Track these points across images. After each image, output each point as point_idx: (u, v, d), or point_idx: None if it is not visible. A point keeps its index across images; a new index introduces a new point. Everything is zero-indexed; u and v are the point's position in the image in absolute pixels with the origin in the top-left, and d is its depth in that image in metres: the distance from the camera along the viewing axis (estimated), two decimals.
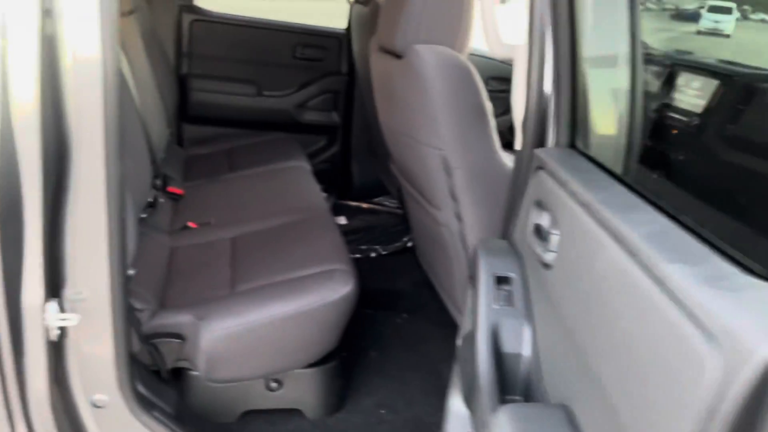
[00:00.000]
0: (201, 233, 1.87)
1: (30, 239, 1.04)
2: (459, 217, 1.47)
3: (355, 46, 2.65)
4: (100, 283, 1.14)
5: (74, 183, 1.08)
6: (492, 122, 1.41)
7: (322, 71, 2.93)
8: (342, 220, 2.79)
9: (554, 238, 0.93)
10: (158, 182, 1.90)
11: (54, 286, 1.11)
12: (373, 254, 2.55)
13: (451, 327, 1.97)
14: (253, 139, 2.74)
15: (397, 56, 1.51)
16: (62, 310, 1.12)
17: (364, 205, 3.00)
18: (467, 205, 1.45)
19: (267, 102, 2.87)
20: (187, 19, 2.73)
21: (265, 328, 1.44)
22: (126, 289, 1.18)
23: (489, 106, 1.41)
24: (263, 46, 2.84)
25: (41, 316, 1.07)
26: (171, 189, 2.10)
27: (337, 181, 3.09)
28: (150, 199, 1.83)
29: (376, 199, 3.07)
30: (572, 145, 1.11)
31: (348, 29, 2.92)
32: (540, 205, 1.03)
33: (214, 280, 1.59)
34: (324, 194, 2.39)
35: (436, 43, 1.46)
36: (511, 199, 1.26)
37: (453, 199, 1.46)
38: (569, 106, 1.09)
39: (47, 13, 1.00)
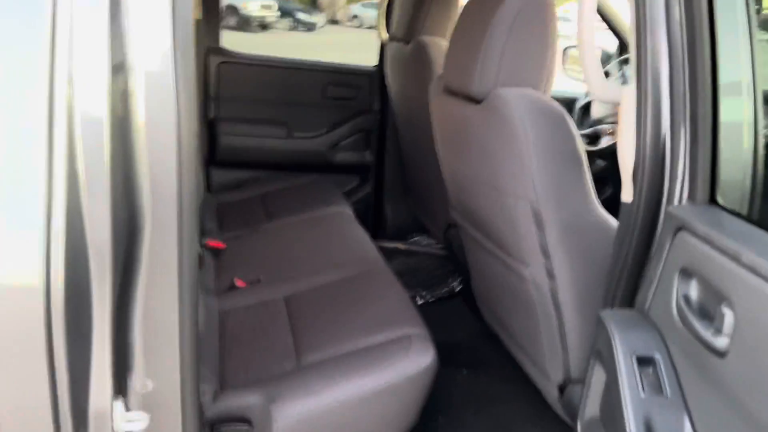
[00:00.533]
0: (251, 293, 1.73)
1: (98, 333, 0.89)
2: (551, 275, 1.33)
3: (392, 84, 2.54)
4: (170, 375, 0.99)
5: (145, 262, 0.94)
6: (588, 171, 1.29)
7: (353, 110, 2.82)
8: None
9: (727, 319, 0.79)
10: (201, 238, 1.76)
11: (119, 381, 0.97)
12: (420, 301, 2.40)
13: (520, 384, 1.82)
14: (287, 183, 2.61)
15: (474, 100, 1.39)
16: (127, 407, 0.97)
17: (401, 246, 2.85)
18: (561, 261, 1.31)
19: (298, 144, 2.75)
20: (214, 61, 2.62)
21: (341, 409, 1.28)
22: (198, 381, 1.04)
23: (584, 153, 1.28)
24: (292, 86, 2.73)
25: (110, 421, 0.92)
26: (211, 243, 1.96)
27: (369, 221, 2.96)
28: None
29: (411, 239, 2.93)
30: (712, 200, 0.97)
31: (380, 66, 2.82)
32: (688, 273, 0.89)
33: (276, 349, 1.44)
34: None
35: (519, 85, 1.34)
36: (623, 261, 1.12)
37: (544, 255, 1.32)
38: (708, 153, 0.96)
39: (118, 68, 0.87)
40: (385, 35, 2.66)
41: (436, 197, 2.36)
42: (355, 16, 20.45)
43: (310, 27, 19.75)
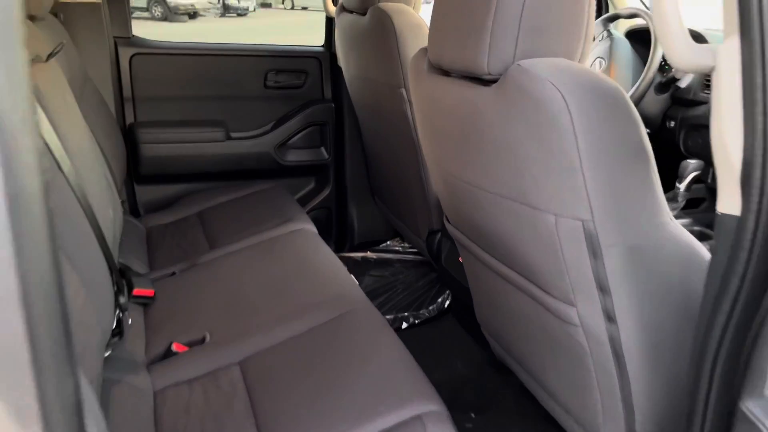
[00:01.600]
0: (194, 360, 1.29)
1: None
2: (610, 317, 0.96)
3: (346, 66, 2.12)
4: None
5: None
6: (656, 171, 0.91)
7: (301, 100, 2.38)
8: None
9: None
10: (122, 299, 1.31)
11: None
12: (405, 325, 2.01)
13: (541, 422, 1.47)
14: (229, 195, 2.16)
15: (482, 81, 0.99)
16: None
17: (372, 256, 2.45)
18: (625, 299, 0.94)
19: (239, 146, 2.29)
20: (125, 54, 2.13)
21: None
22: None
23: (650, 147, 0.90)
24: (225, 77, 2.26)
25: None
26: (138, 291, 1.51)
27: (332, 229, 2.54)
28: (113, 326, 1.25)
29: (382, 246, 2.54)
30: None
31: (328, 45, 2.38)
32: None
33: None
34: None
35: (547, 56, 0.95)
36: (730, 300, 0.76)
37: (601, 291, 0.95)
38: None
39: None
40: (331, 7, 2.22)
41: (412, 198, 1.97)
42: None
43: (241, 12, 18.93)
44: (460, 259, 1.75)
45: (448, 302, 2.07)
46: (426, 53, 1.21)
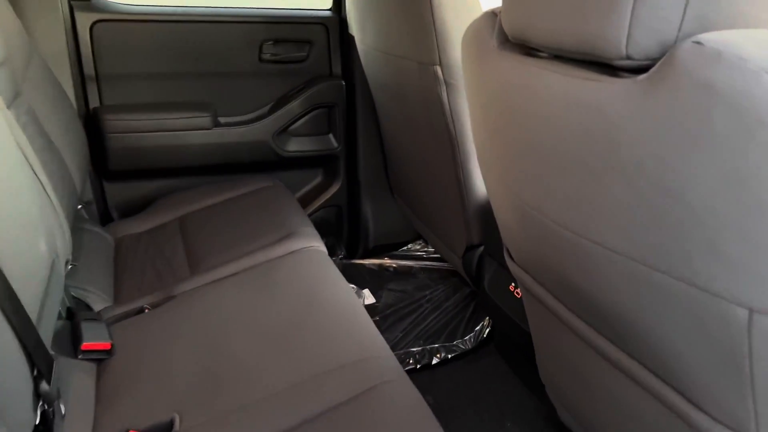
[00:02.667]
0: None
1: None
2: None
3: (359, 34, 1.69)
4: None
5: None
6: None
7: (305, 76, 1.96)
8: (368, 298, 1.86)
9: None
10: (45, 387, 0.91)
11: None
12: (435, 360, 1.63)
13: None
14: (217, 195, 1.77)
15: (615, 69, 0.58)
16: None
17: (391, 264, 2.06)
18: None
19: (229, 133, 1.88)
20: (84, 21, 1.70)
21: None
22: None
23: None
24: (212, 49, 1.84)
25: None
26: (89, 345, 1.13)
27: (343, 230, 2.15)
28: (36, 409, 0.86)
29: (401, 250, 2.15)
30: None
31: (337, 9, 1.95)
32: None
33: None
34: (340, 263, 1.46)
35: (741, 26, 0.54)
36: None
37: None
38: None
39: None
40: None
41: (444, 204, 1.57)
42: None
43: None
44: (513, 289, 1.36)
45: (488, 330, 1.68)
46: (495, 19, 0.80)
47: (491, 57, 0.78)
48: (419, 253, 2.10)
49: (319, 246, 1.46)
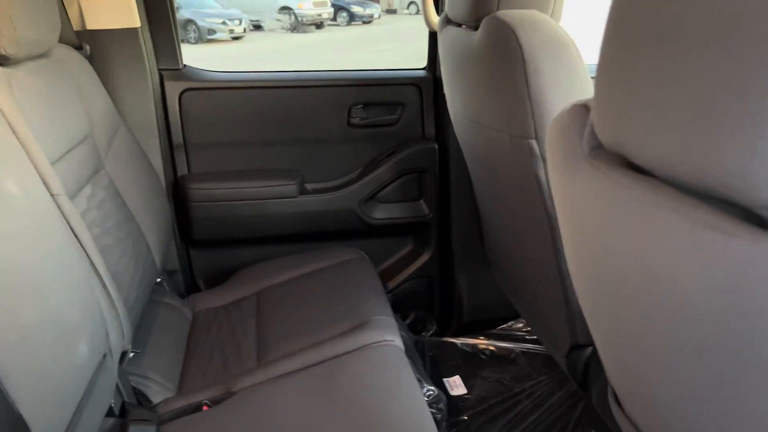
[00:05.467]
0: None
1: None
2: None
3: (450, 97, 1.53)
4: None
5: None
6: None
7: (395, 140, 1.82)
8: (458, 388, 1.65)
9: None
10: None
11: None
12: None
13: None
14: (297, 267, 1.66)
15: (756, 217, 0.37)
16: None
17: (488, 345, 1.84)
18: None
19: (315, 201, 1.79)
20: (173, 90, 1.69)
21: None
22: None
23: None
24: (299, 114, 1.77)
25: None
26: None
27: (434, 303, 1.97)
28: None
29: (499, 328, 1.92)
30: None
31: (432, 68, 1.81)
32: None
33: None
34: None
35: None
36: None
37: None
38: None
39: None
40: (434, 17, 1.65)
41: (544, 293, 1.34)
42: (412, 2, 19.57)
43: (366, 20, 18.91)
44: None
45: None
46: (585, 115, 0.60)
47: (582, 166, 0.58)
48: (520, 333, 1.86)
49: (394, 340, 1.29)
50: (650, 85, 0.45)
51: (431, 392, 1.40)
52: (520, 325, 1.90)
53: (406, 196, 1.84)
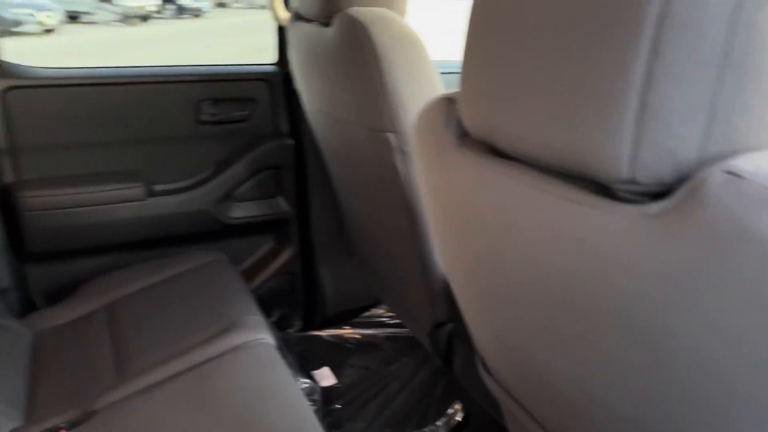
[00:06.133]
0: None
1: None
2: None
3: (305, 93, 1.54)
4: None
5: None
6: None
7: (248, 136, 1.79)
8: (328, 379, 1.68)
9: None
10: None
11: None
12: None
13: None
14: (152, 275, 1.58)
15: (615, 193, 0.44)
16: None
17: (352, 334, 1.89)
18: None
19: (165, 204, 1.70)
20: None
21: None
22: None
23: None
24: (142, 112, 1.67)
25: None
26: None
27: (298, 299, 1.98)
28: None
29: (363, 316, 1.98)
30: None
31: (282, 63, 1.81)
32: None
33: None
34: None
35: None
36: None
37: None
38: None
39: None
40: (283, 14, 1.64)
41: (406, 277, 1.41)
42: None
43: (196, 12, 18.11)
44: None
45: (462, 414, 1.52)
46: (451, 107, 0.65)
47: (449, 153, 0.63)
48: (383, 319, 1.94)
49: (265, 338, 1.28)
50: (511, 77, 0.50)
51: (306, 384, 1.41)
52: (382, 311, 1.97)
53: (263, 194, 1.82)
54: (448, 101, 0.66)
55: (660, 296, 0.41)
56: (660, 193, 0.41)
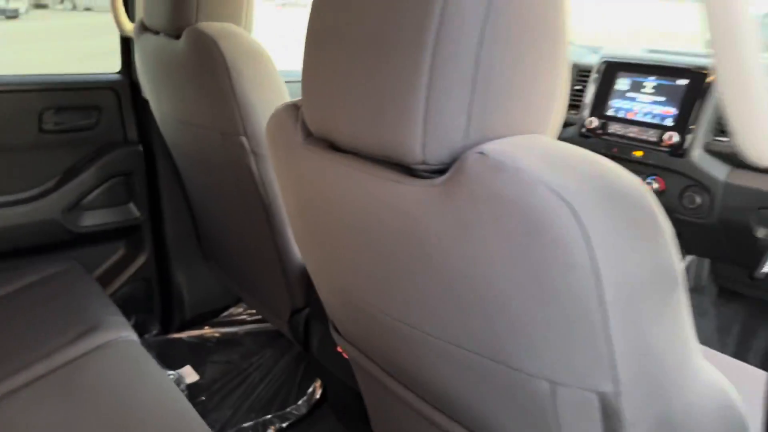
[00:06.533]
0: None
1: None
2: None
3: (155, 102, 1.60)
4: None
5: None
6: (686, 299, 0.60)
7: (96, 144, 1.80)
8: (190, 376, 1.74)
9: None
10: None
11: None
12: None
13: None
14: (1, 288, 1.54)
15: (413, 170, 0.61)
16: None
17: (213, 333, 1.96)
18: None
19: (9, 214, 1.66)
20: None
21: None
22: None
23: (679, 265, 0.59)
24: None
25: None
26: None
27: (155, 305, 2.01)
28: None
29: (222, 316, 2.06)
30: None
31: (127, 72, 1.84)
32: None
33: None
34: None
35: (516, 133, 0.60)
36: None
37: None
38: None
39: None
40: (127, 24, 1.69)
41: (264, 269, 1.54)
42: None
43: (10, 14, 16.48)
44: (342, 351, 1.37)
45: (321, 391, 1.67)
46: (297, 112, 0.80)
47: (297, 151, 0.78)
48: (242, 317, 2.03)
49: (129, 335, 1.34)
50: (340, 83, 0.66)
51: (172, 375, 1.47)
52: (241, 309, 2.06)
53: (114, 201, 1.83)
54: (294, 107, 0.81)
55: (447, 242, 0.60)
56: (442, 170, 0.59)
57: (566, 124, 1.68)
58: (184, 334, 1.94)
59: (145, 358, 1.26)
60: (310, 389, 1.66)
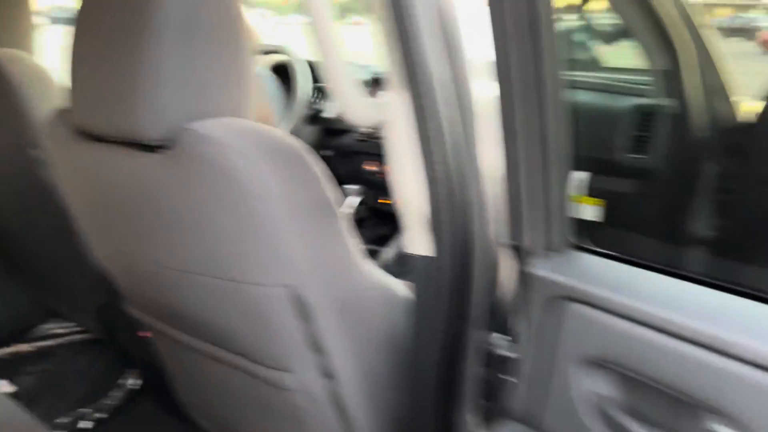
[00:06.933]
0: None
1: None
2: (328, 374, 0.94)
3: None
4: None
5: None
6: (342, 220, 0.91)
7: None
8: (4, 388, 1.80)
9: None
10: None
11: None
12: (89, 424, 1.67)
13: None
14: None
15: (148, 147, 0.85)
16: None
17: (27, 348, 2.01)
18: (342, 354, 0.93)
19: None
20: None
21: None
22: None
23: (333, 198, 0.90)
24: None
25: None
26: None
27: None
28: None
29: (36, 333, 2.10)
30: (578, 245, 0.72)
31: None
32: (601, 365, 0.62)
33: None
34: None
35: (220, 115, 0.87)
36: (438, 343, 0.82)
37: (316, 352, 0.91)
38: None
39: None
40: None
41: (66, 273, 1.66)
42: None
43: None
44: (141, 334, 1.55)
45: (140, 383, 1.81)
46: (63, 116, 1.01)
47: (69, 146, 0.98)
48: (56, 331, 2.09)
49: None
50: (92, 80, 0.88)
51: None
52: (53, 325, 2.12)
53: None
54: (65, 111, 1.01)
55: (178, 197, 0.84)
56: (169, 146, 0.84)
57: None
58: None
59: None
60: (129, 381, 1.80)
